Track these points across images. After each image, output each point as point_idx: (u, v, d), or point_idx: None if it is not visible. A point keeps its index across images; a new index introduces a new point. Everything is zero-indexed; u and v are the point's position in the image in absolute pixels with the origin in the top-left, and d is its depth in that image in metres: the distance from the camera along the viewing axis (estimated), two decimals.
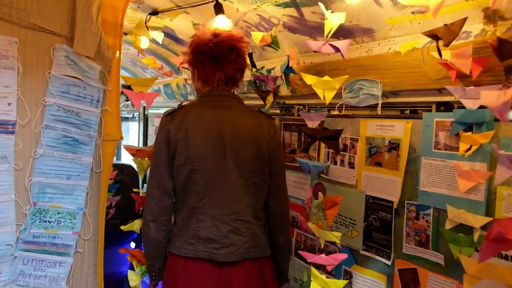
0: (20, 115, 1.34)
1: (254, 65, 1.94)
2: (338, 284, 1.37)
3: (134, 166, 2.39)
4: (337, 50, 1.26)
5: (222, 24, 1.70)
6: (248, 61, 1.85)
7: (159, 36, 2.28)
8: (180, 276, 1.44)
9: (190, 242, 1.42)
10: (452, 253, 1.31)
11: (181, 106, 1.50)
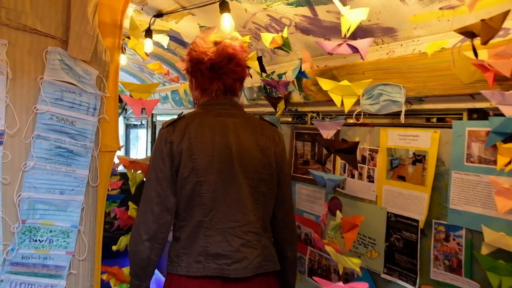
0: (8, 124, 1.23)
1: (264, 69, 1.81)
2: None
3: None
4: (355, 50, 1.12)
5: (226, 23, 1.58)
6: (257, 68, 1.72)
7: (164, 39, 2.17)
8: None
9: (199, 260, 1.31)
10: (490, 282, 1.15)
11: (181, 116, 1.42)
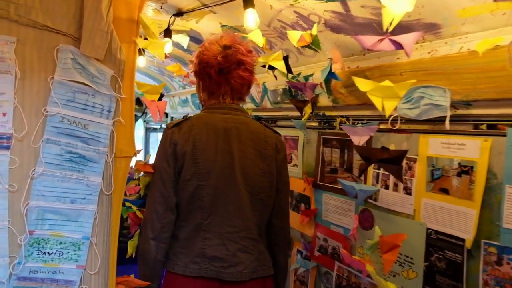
0: (16, 127, 1.14)
1: (290, 70, 1.68)
2: None
3: None
4: (398, 46, 0.98)
5: (250, 19, 1.48)
6: (283, 68, 1.60)
7: (184, 40, 2.07)
8: None
9: (196, 261, 1.35)
10: None
11: (186, 118, 1.43)
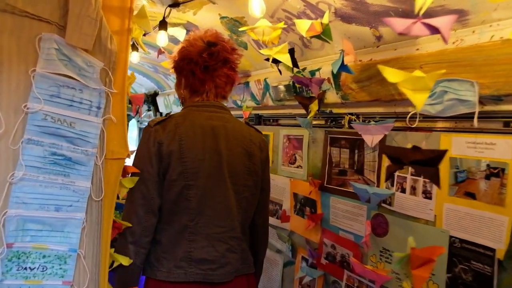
0: None
1: (296, 64, 1.55)
2: None
3: None
4: (434, 31, 0.86)
5: (256, 7, 1.35)
6: (289, 62, 1.47)
7: (181, 33, 1.93)
8: None
9: (180, 266, 1.29)
10: None
11: (170, 116, 1.36)
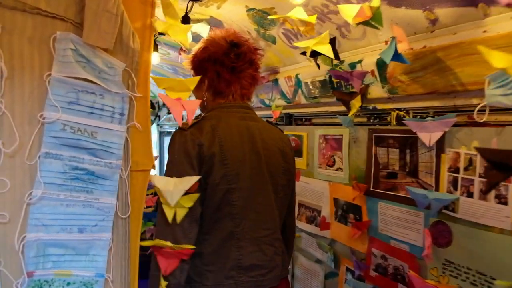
0: (5, 140, 0.88)
1: (337, 56, 1.38)
2: None
3: None
4: None
5: None
6: (330, 53, 1.30)
7: (204, 29, 1.80)
8: None
9: (231, 275, 1.22)
10: None
11: (202, 117, 1.30)
